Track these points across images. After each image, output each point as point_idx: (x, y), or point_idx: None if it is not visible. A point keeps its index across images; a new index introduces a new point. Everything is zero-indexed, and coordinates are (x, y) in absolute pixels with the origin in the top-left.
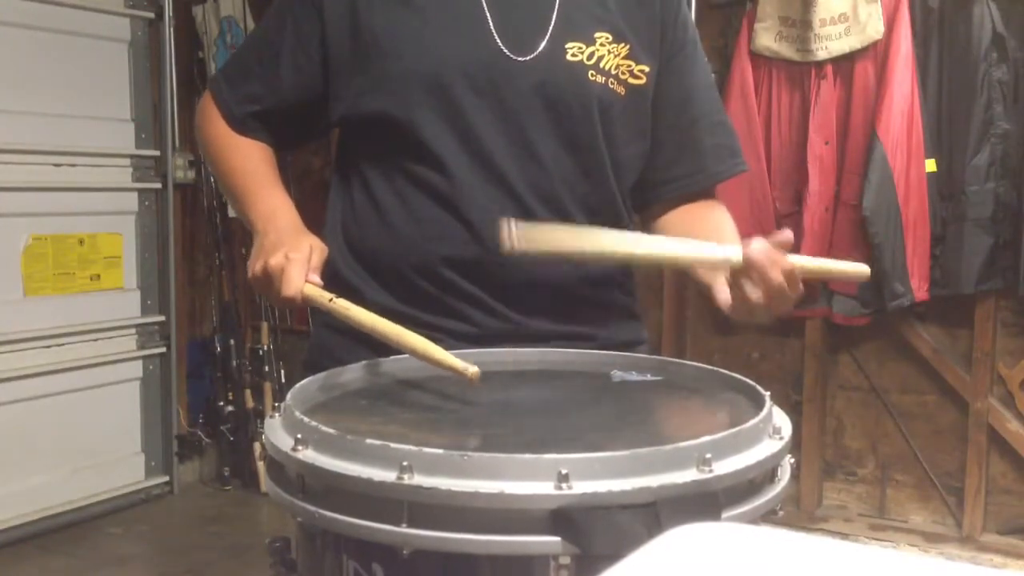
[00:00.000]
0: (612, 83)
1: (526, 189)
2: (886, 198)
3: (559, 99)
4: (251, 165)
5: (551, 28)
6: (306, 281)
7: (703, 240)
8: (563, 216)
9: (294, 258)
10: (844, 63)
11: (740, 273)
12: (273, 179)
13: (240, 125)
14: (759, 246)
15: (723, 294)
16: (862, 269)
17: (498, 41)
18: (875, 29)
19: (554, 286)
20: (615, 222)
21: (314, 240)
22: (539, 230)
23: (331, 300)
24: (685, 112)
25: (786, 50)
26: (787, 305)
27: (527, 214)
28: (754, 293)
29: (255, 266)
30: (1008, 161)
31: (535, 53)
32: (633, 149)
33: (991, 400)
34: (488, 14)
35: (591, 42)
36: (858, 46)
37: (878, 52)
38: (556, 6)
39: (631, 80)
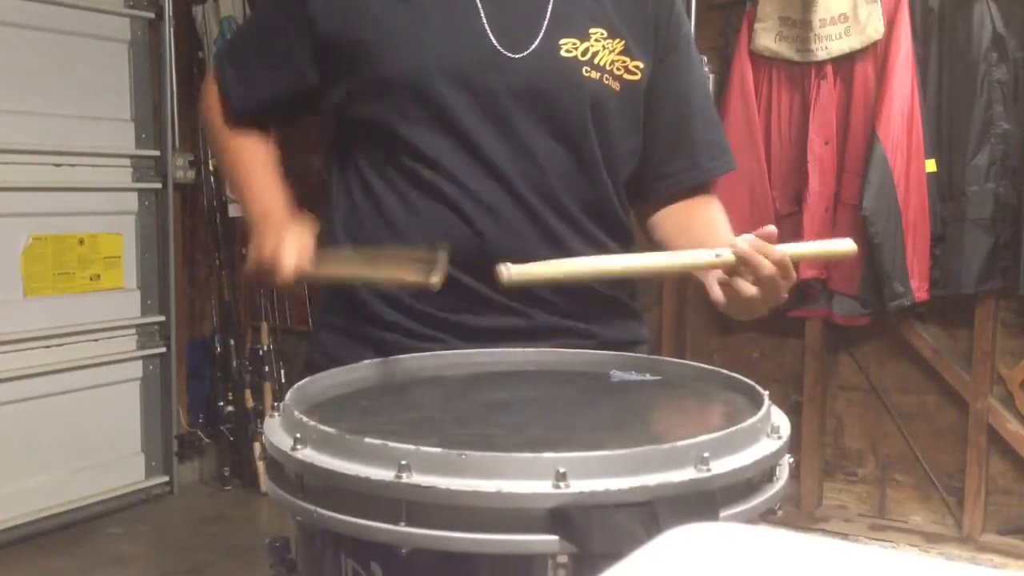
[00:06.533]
0: (607, 79)
1: (522, 184)
2: (886, 198)
3: (552, 95)
4: (248, 163)
5: (545, 25)
6: (297, 265)
7: (698, 237)
8: (560, 211)
9: (284, 247)
10: (844, 63)
11: (732, 270)
12: (269, 177)
13: (240, 112)
14: (745, 241)
15: (716, 291)
16: (849, 246)
17: (492, 38)
18: (875, 29)
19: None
20: (610, 217)
21: (302, 226)
22: (534, 266)
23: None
24: (680, 109)
25: (786, 50)
26: (781, 295)
27: (525, 209)
28: (747, 287)
29: (249, 263)
30: (1008, 161)
31: (529, 50)
32: (628, 144)
33: (991, 400)
34: (482, 11)
35: (586, 38)
36: (858, 46)
37: (878, 52)
38: (551, 2)
39: (626, 76)
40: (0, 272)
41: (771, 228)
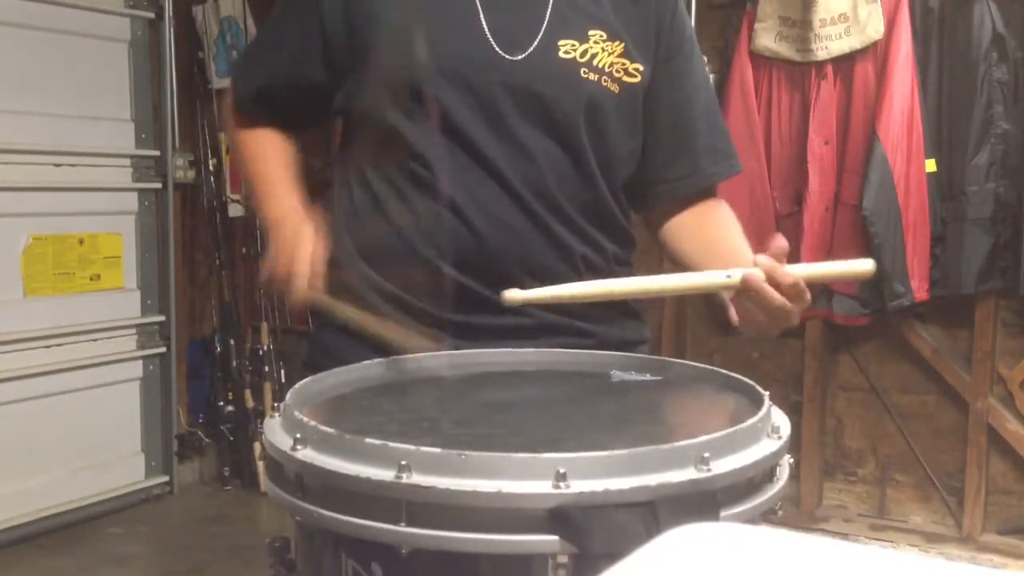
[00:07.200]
0: (606, 81)
1: (520, 185)
2: (886, 198)
3: (549, 97)
4: (265, 164)
5: (544, 27)
6: (310, 286)
7: (715, 253)
8: (557, 211)
9: (296, 266)
10: (844, 63)
11: (743, 294)
12: (286, 180)
13: (245, 106)
14: (758, 266)
15: (731, 311)
16: (866, 267)
17: (491, 40)
18: (875, 29)
19: (553, 281)
20: (609, 218)
21: (317, 244)
22: (540, 290)
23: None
24: (683, 113)
25: (786, 50)
26: (794, 319)
27: (522, 210)
28: (757, 313)
29: (265, 273)
30: (1008, 161)
31: (527, 52)
32: (626, 146)
33: (991, 400)
34: (481, 14)
35: (585, 40)
36: (858, 46)
37: (878, 52)
38: (550, 5)
39: (625, 78)
40: (0, 272)
41: (782, 243)
